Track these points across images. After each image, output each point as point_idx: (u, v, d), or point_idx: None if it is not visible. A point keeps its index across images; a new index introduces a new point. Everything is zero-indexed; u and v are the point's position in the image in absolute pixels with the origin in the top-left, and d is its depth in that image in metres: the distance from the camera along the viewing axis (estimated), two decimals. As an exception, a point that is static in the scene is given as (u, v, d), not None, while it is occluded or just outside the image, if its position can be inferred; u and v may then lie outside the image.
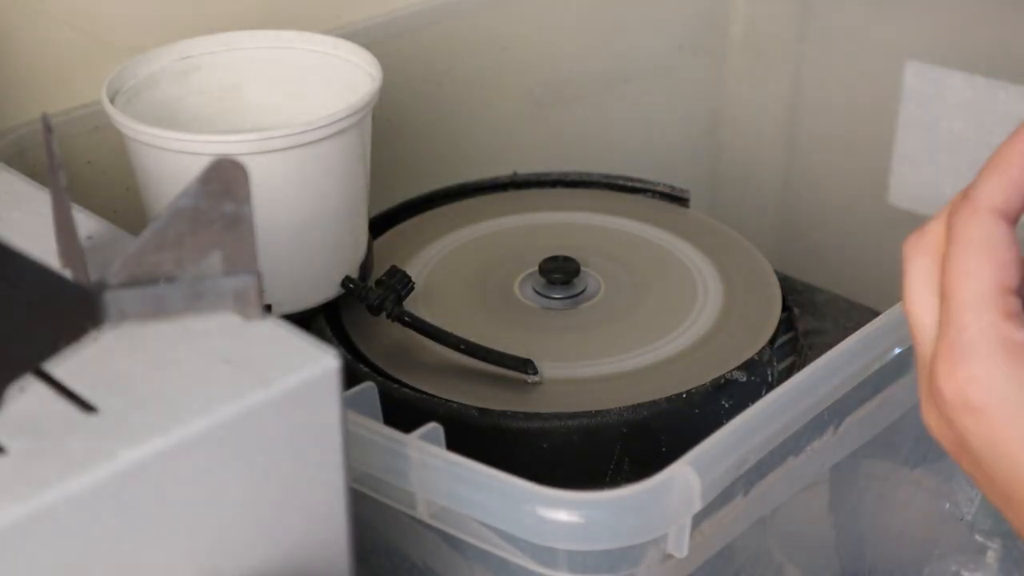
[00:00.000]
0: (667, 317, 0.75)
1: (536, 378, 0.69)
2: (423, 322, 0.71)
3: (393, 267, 0.73)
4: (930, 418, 0.45)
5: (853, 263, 1.08)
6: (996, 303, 0.42)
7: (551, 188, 0.89)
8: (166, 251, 0.45)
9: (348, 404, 0.46)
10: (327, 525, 0.47)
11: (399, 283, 0.72)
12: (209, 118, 0.75)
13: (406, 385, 0.69)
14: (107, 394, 0.43)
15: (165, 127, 0.67)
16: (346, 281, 0.72)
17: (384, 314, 0.71)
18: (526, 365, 0.69)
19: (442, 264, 0.80)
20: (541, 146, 1.02)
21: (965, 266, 0.43)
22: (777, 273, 0.79)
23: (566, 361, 0.71)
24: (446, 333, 0.70)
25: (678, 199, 0.87)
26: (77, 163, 0.78)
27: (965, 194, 0.44)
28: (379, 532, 0.61)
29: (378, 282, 0.72)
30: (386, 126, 0.88)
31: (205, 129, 0.73)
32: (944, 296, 0.44)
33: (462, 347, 0.70)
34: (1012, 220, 0.43)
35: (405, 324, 0.71)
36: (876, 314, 0.63)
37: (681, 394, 0.67)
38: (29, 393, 0.43)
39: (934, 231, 0.46)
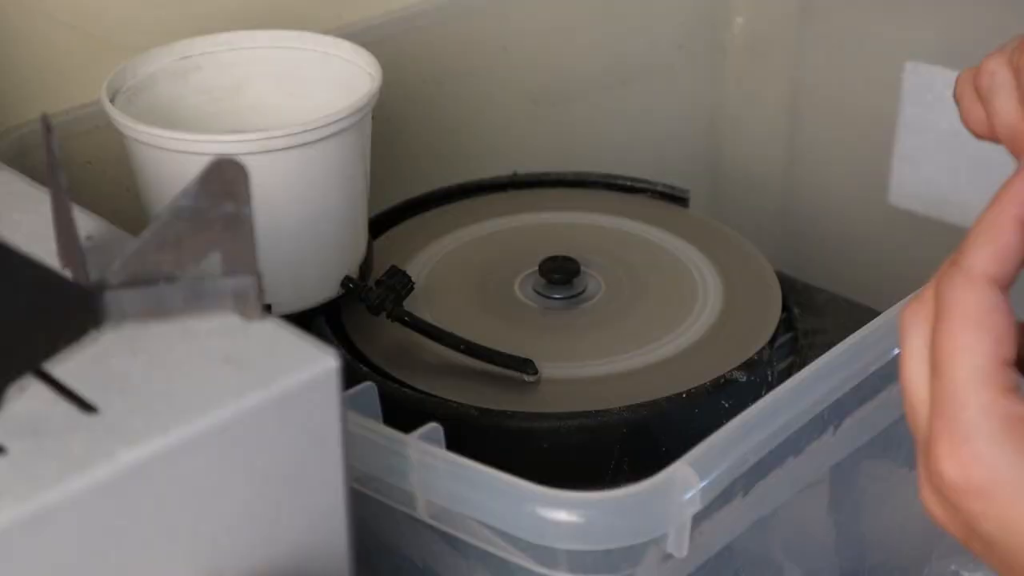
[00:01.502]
0: (667, 317, 0.75)
1: (536, 378, 0.69)
2: (423, 322, 0.71)
3: (393, 267, 0.73)
4: (931, 502, 0.42)
5: (853, 263, 1.08)
6: (995, 379, 0.40)
7: (551, 188, 0.89)
8: (166, 251, 0.45)
9: (348, 404, 0.46)
10: (327, 525, 0.47)
11: (399, 283, 0.72)
12: (209, 118, 0.75)
13: (406, 385, 0.69)
14: (107, 394, 0.43)
15: (165, 127, 0.67)
16: (346, 281, 0.72)
17: (384, 314, 0.71)
18: (526, 365, 0.69)
19: (442, 264, 0.80)
20: (541, 146, 1.02)
21: (961, 340, 0.40)
22: (777, 273, 0.79)
23: (566, 361, 0.71)
24: (446, 333, 0.70)
25: (678, 199, 0.87)
26: (77, 163, 0.78)
27: (954, 261, 0.41)
28: (379, 532, 0.61)
29: (378, 282, 0.72)
30: (386, 126, 0.88)
31: (205, 129, 0.73)
32: (938, 373, 0.41)
33: (462, 347, 0.70)
34: (1005, 288, 0.41)
35: (405, 324, 0.71)
36: (876, 314, 0.63)
37: (681, 394, 0.67)
38: (29, 393, 0.43)
39: (932, 299, 0.43)
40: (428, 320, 0.72)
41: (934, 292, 0.42)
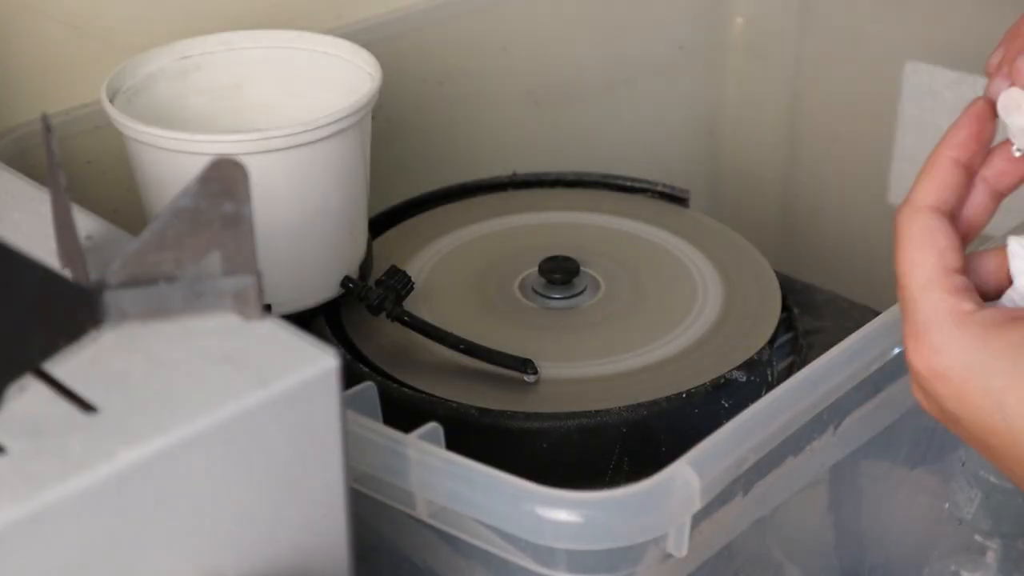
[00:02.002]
0: (667, 317, 0.75)
1: (536, 378, 0.69)
2: (423, 322, 0.71)
3: (393, 267, 0.73)
4: (916, 393, 0.51)
5: (853, 263, 1.08)
6: (943, 283, 0.49)
7: (551, 188, 0.89)
8: (166, 251, 0.45)
9: (348, 404, 0.46)
10: (327, 525, 0.47)
11: (399, 283, 0.72)
12: (209, 118, 0.75)
13: (406, 385, 0.69)
14: (107, 394, 0.43)
15: (165, 127, 0.67)
16: (346, 281, 0.72)
17: (384, 314, 0.71)
18: (526, 365, 0.69)
19: (442, 264, 0.80)
20: (541, 146, 1.02)
21: (911, 256, 0.50)
22: (777, 273, 0.79)
23: (566, 361, 0.71)
24: (446, 333, 0.70)
25: (678, 199, 0.87)
26: (77, 163, 0.78)
27: (904, 200, 0.51)
28: (379, 532, 0.61)
29: (378, 282, 0.72)
30: (386, 126, 0.88)
31: (205, 129, 0.73)
32: (900, 286, 0.50)
33: (462, 347, 0.70)
34: (946, 214, 0.51)
35: (405, 324, 0.71)
36: (876, 314, 0.63)
37: (681, 394, 0.67)
38: (29, 393, 0.43)
39: None
40: (428, 320, 0.72)
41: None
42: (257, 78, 0.76)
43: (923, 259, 0.50)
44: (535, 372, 0.69)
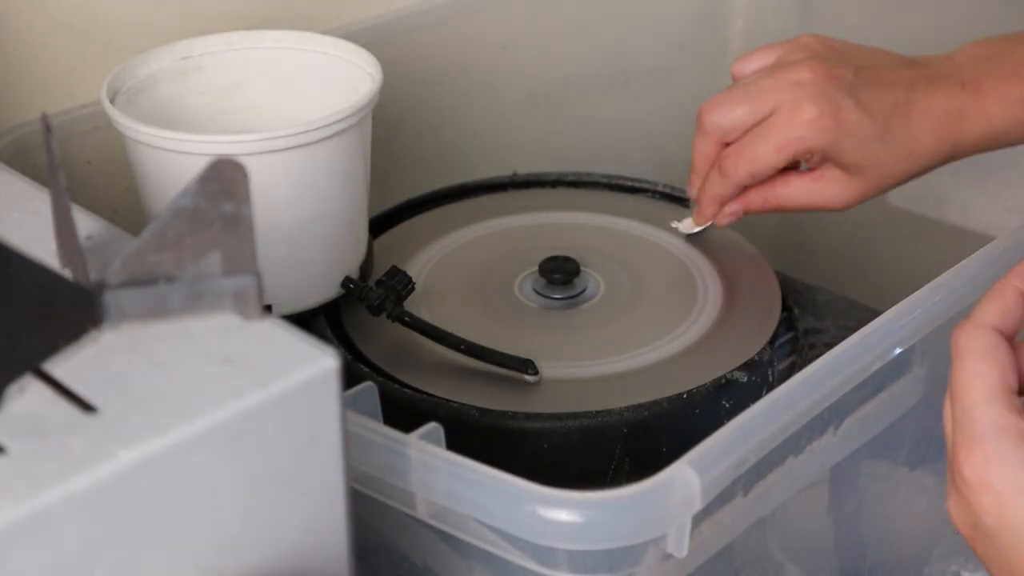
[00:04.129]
0: (667, 317, 0.75)
1: (537, 378, 0.69)
2: (423, 322, 0.71)
3: (393, 267, 0.73)
4: (951, 504, 0.51)
5: (853, 263, 1.08)
6: (1004, 400, 0.49)
7: (551, 188, 0.89)
8: (166, 251, 0.45)
9: (348, 404, 0.46)
10: (327, 525, 0.47)
11: (399, 283, 0.72)
12: (209, 118, 0.75)
13: (406, 385, 0.69)
14: (107, 394, 0.43)
15: (165, 127, 0.67)
16: (346, 281, 0.72)
17: (384, 314, 0.71)
18: (526, 365, 0.69)
19: (442, 264, 0.80)
20: (541, 146, 1.02)
21: (973, 370, 0.50)
22: (777, 273, 0.79)
23: (566, 361, 0.71)
24: (446, 333, 0.70)
25: (678, 199, 0.87)
26: (77, 163, 0.78)
27: (967, 317, 0.52)
28: (379, 532, 0.61)
29: (378, 282, 0.72)
30: (386, 126, 0.88)
31: (205, 129, 0.73)
32: (957, 398, 0.50)
33: (462, 347, 0.70)
34: (1008, 337, 0.51)
35: (405, 324, 0.71)
36: (876, 314, 0.63)
37: (681, 394, 0.67)
38: (29, 393, 0.43)
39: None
40: (428, 320, 0.72)
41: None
42: (257, 78, 0.76)
43: (987, 373, 0.50)
44: (536, 372, 0.69)
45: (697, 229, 0.81)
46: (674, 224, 0.82)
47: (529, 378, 0.69)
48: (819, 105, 0.71)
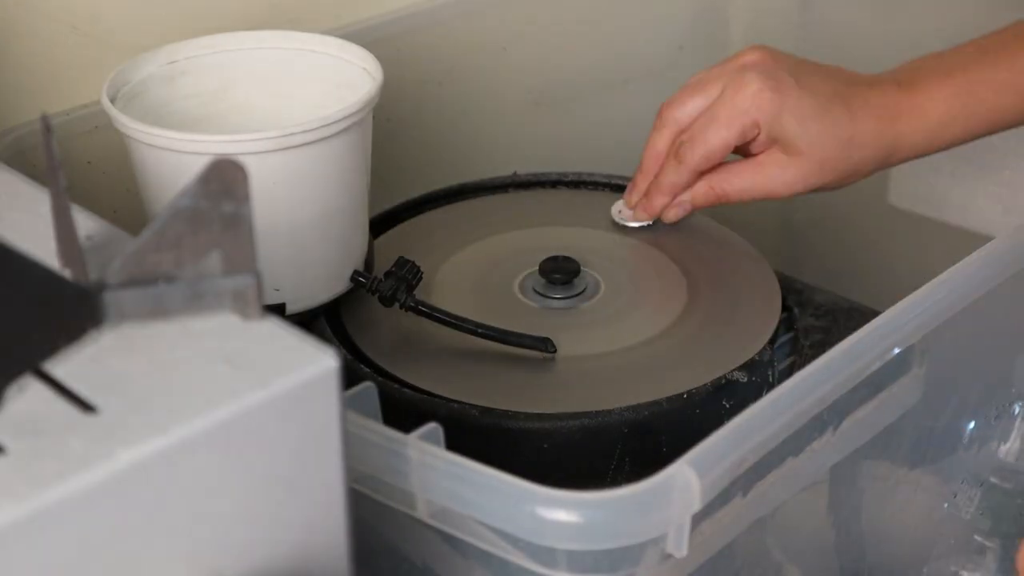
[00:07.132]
0: (667, 317, 0.75)
1: (554, 355, 0.70)
2: (438, 309, 0.71)
3: (401, 258, 0.73)
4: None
5: (853, 263, 1.08)
6: None
7: (551, 188, 0.89)
8: (166, 251, 0.45)
9: (348, 404, 0.46)
10: (327, 525, 0.47)
11: (409, 273, 0.72)
12: (197, 122, 0.74)
13: (406, 385, 0.69)
14: (107, 394, 0.43)
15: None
16: (355, 275, 0.72)
17: (397, 304, 0.71)
18: (545, 343, 0.70)
19: (442, 264, 0.80)
20: (541, 146, 1.02)
21: None
22: (777, 273, 0.79)
23: (566, 361, 0.71)
24: (462, 318, 0.71)
25: (678, 199, 0.87)
26: (77, 163, 0.78)
27: None
28: (379, 532, 0.61)
29: (387, 273, 0.72)
30: (386, 126, 0.88)
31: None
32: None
33: (480, 331, 0.70)
34: None
35: (420, 313, 0.71)
36: (876, 314, 0.63)
37: (681, 394, 0.67)
38: (29, 393, 0.43)
39: None
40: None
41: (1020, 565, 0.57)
42: (243, 80, 0.76)
43: None
44: (554, 350, 0.69)
45: (643, 223, 0.82)
46: (617, 216, 0.83)
47: (548, 355, 0.70)
48: (762, 80, 0.75)
